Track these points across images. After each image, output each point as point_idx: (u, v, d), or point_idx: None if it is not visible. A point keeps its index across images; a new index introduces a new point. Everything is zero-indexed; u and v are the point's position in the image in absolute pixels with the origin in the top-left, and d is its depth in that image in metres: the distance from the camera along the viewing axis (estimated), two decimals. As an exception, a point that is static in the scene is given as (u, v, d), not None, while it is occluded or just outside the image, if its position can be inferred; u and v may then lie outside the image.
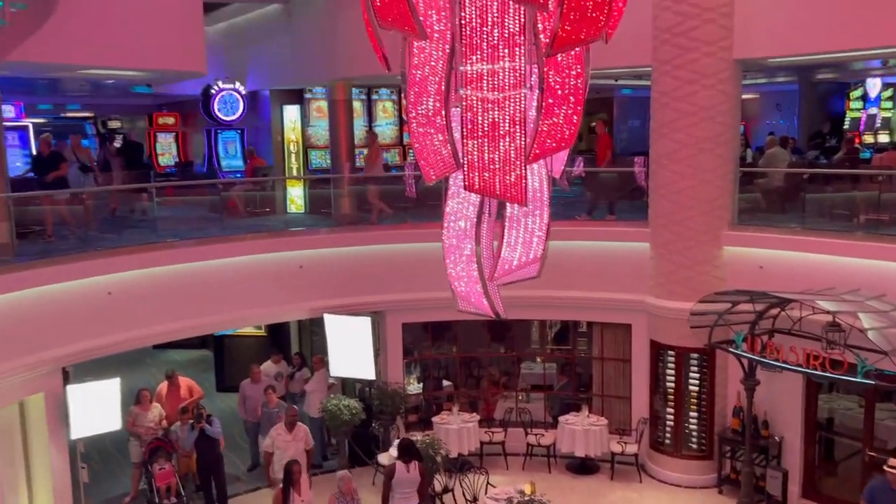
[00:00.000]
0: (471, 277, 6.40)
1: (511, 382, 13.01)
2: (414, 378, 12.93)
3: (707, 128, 10.41)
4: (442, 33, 4.94)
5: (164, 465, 10.48)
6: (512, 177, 5.25)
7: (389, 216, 12.73)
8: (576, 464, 11.74)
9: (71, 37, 8.49)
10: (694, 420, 11.13)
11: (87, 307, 9.57)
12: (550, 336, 13.85)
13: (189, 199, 13.79)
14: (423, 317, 12.10)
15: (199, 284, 10.69)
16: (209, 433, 10.10)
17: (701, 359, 10.97)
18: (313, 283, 11.71)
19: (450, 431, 11.41)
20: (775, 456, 10.53)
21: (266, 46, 15.77)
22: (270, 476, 9.75)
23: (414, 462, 8.73)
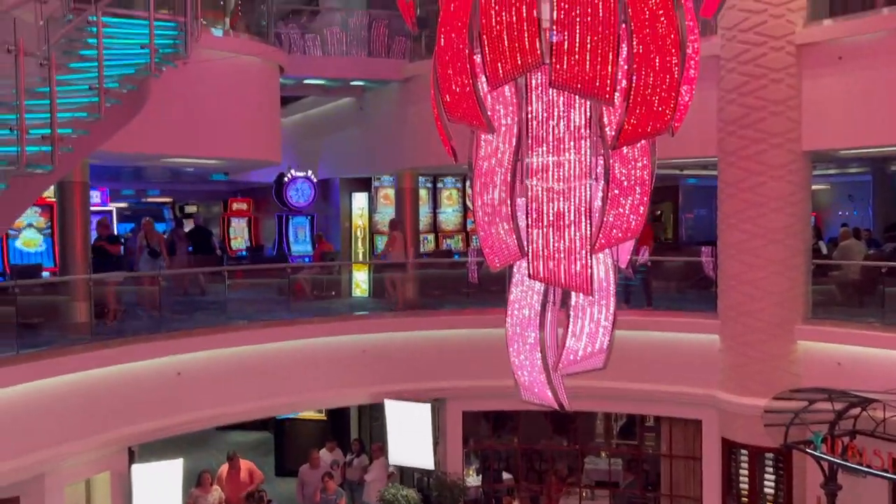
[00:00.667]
0: (534, 367, 6.32)
1: (574, 477, 12.55)
2: (473, 469, 12.61)
3: (777, 219, 10.22)
4: (509, 126, 5.08)
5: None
6: (577, 266, 5.25)
7: (409, 303, 12.67)
8: (643, 567, 11.12)
9: (159, 129, 9.06)
10: (772, 527, 10.48)
11: (156, 387, 9.78)
12: (616, 430, 13.40)
13: (258, 281, 14.15)
14: (484, 405, 11.91)
15: (264, 367, 10.84)
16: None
17: (776, 459, 10.40)
18: (375, 368, 11.72)
19: (510, 527, 11.02)
20: (863, 569, 9.75)
21: (338, 137, 16.45)
22: None
23: None
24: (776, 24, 10.03)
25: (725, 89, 10.40)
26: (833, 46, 9.97)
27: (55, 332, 9.62)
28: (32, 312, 9.55)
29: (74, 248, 9.97)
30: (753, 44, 10.12)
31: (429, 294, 13.26)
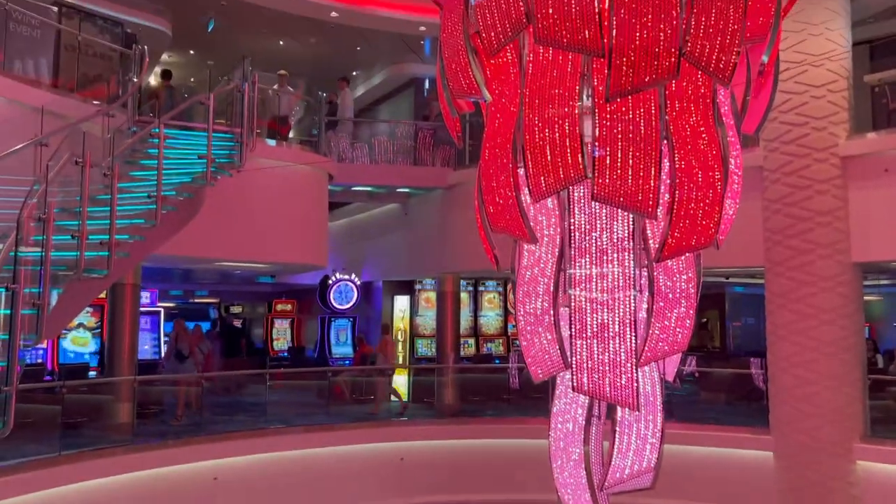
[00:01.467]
0: (579, 485, 6.09)
1: None
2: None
3: (829, 331, 9.90)
4: (551, 237, 5.12)
5: None
6: (623, 379, 5.13)
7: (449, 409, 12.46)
8: None
9: (212, 234, 9.34)
10: None
11: (194, 491, 9.65)
12: None
13: (298, 383, 14.11)
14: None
15: (301, 473, 10.64)
16: None
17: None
18: (414, 477, 11.40)
19: None
20: None
21: (382, 241, 16.73)
22: None
23: None
24: (819, 136, 10.07)
25: (770, 199, 10.36)
26: (879, 158, 9.93)
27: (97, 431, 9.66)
28: (76, 411, 9.63)
29: (122, 348, 10.15)
30: (797, 155, 10.14)
31: (469, 400, 13.03)
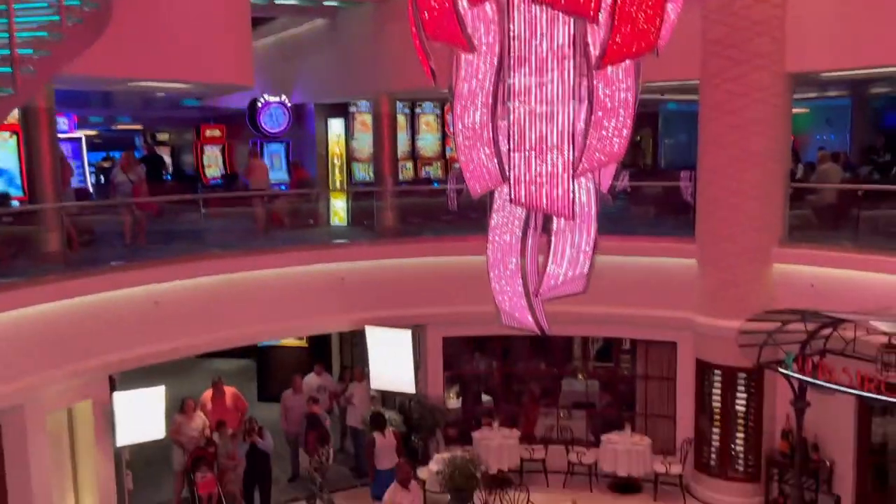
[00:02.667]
0: (515, 292, 6.33)
1: (552, 399, 12.84)
2: (453, 392, 12.84)
3: (757, 142, 10.19)
4: (490, 46, 4.90)
5: (206, 473, 10.56)
6: (559, 190, 5.18)
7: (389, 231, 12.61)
8: (618, 483, 11.51)
9: (124, 50, 8.69)
10: (741, 441, 10.84)
11: (134, 316, 9.74)
12: (593, 353, 13.65)
13: (234, 210, 13.96)
14: (465, 331, 12.03)
15: (243, 295, 10.81)
16: (261, 447, 10.08)
17: (749, 379, 10.70)
18: (355, 296, 11.74)
19: (490, 447, 11.30)
20: (826, 481, 10.18)
21: (312, 60, 15.98)
22: None
23: (388, 429, 9.82)
24: (761, -59, 9.75)
25: (709, 8, 10.18)
26: (818, -36, 9.75)
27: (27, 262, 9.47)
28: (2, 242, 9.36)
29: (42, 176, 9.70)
30: (738, -39, 9.86)
31: (409, 222, 13.19)
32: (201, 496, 10.49)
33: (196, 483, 10.52)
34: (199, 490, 10.49)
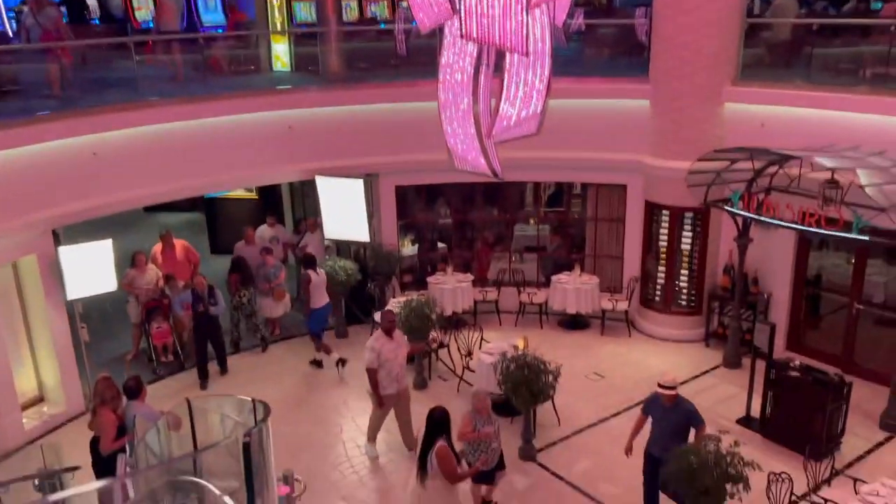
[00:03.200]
0: (468, 134, 6.20)
1: (504, 244, 13.07)
2: (408, 240, 12.94)
3: (715, -25, 9.82)
4: None
5: (161, 324, 10.69)
6: (512, 23, 4.94)
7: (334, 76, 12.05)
8: (567, 320, 12.02)
9: None
10: (685, 278, 11.30)
11: (73, 170, 9.35)
12: (544, 198, 13.78)
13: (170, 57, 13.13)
14: (417, 179, 11.93)
15: (185, 146, 10.41)
16: (213, 313, 10.08)
17: (695, 218, 10.97)
18: (303, 145, 11.43)
19: (444, 291, 11.57)
20: (762, 311, 10.78)
21: None
22: (379, 394, 8.25)
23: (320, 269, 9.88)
24: None
25: None
26: None
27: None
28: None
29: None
30: None
31: (356, 67, 12.64)
32: (157, 346, 10.67)
33: (151, 334, 10.66)
34: (155, 340, 10.66)
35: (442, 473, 6.13)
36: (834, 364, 10.11)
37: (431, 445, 6.18)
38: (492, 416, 7.31)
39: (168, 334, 10.75)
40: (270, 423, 3.64)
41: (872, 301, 10.29)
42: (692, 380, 10.20)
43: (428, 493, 6.20)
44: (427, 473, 6.18)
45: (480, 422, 7.18)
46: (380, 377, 8.17)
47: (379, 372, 8.15)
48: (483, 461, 7.11)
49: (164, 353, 10.73)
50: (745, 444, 7.21)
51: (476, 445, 7.16)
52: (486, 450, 7.17)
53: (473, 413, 7.22)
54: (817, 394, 8.24)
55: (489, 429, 7.20)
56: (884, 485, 6.79)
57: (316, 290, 10.60)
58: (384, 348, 8.14)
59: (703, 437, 6.72)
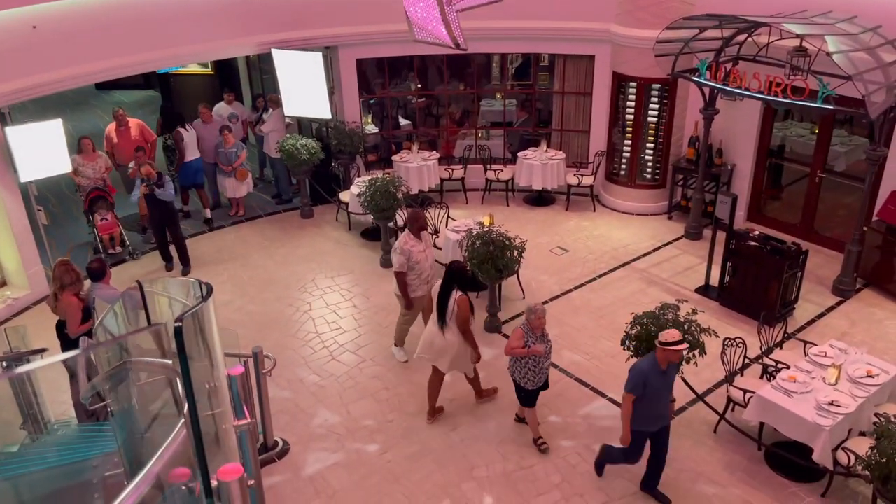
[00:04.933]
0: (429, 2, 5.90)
1: (471, 120, 12.84)
2: (371, 116, 12.64)
3: None
4: None
5: (105, 215, 10.34)
6: None
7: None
8: (533, 196, 12.04)
9: None
10: (650, 151, 11.28)
11: (13, 44, 8.81)
12: (511, 72, 13.44)
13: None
14: (378, 52, 11.50)
15: (135, 17, 9.83)
16: (160, 196, 9.59)
17: (662, 90, 10.82)
18: (258, 17, 10.88)
19: (410, 169, 11.44)
20: (725, 183, 10.88)
21: None
22: (409, 296, 7.86)
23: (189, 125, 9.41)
24: None
25: None
26: None
27: None
28: None
29: None
30: None
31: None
32: (102, 238, 10.38)
33: (96, 225, 10.35)
34: (100, 232, 10.35)
35: (457, 319, 6.80)
36: (793, 233, 10.37)
37: (448, 295, 6.81)
38: (546, 334, 6.63)
39: (114, 225, 10.39)
40: (213, 303, 3.62)
41: (834, 170, 10.42)
42: (654, 251, 10.41)
43: (446, 341, 6.91)
44: (446, 322, 6.85)
45: (532, 338, 6.51)
46: (410, 280, 7.75)
47: (408, 275, 7.73)
48: (531, 379, 6.63)
49: (112, 244, 10.44)
50: (702, 312, 7.47)
51: (524, 362, 6.62)
52: (534, 367, 6.61)
53: (526, 328, 6.53)
54: (774, 263, 8.47)
55: (541, 347, 6.52)
56: (831, 346, 7.12)
57: (188, 147, 11.10)
58: (414, 250, 7.68)
59: None
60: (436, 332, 6.96)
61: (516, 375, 6.74)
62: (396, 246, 7.76)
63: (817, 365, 6.82)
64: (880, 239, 9.06)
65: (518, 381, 6.75)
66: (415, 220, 7.77)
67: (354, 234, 11.07)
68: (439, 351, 7.00)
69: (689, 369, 6.89)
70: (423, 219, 7.84)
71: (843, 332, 8.50)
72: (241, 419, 4.26)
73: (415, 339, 7.64)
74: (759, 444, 6.84)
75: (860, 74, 7.68)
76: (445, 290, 6.85)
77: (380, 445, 7.03)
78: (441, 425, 7.26)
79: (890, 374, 6.68)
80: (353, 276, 9.95)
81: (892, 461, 5.26)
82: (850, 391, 6.45)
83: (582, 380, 7.89)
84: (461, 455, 6.89)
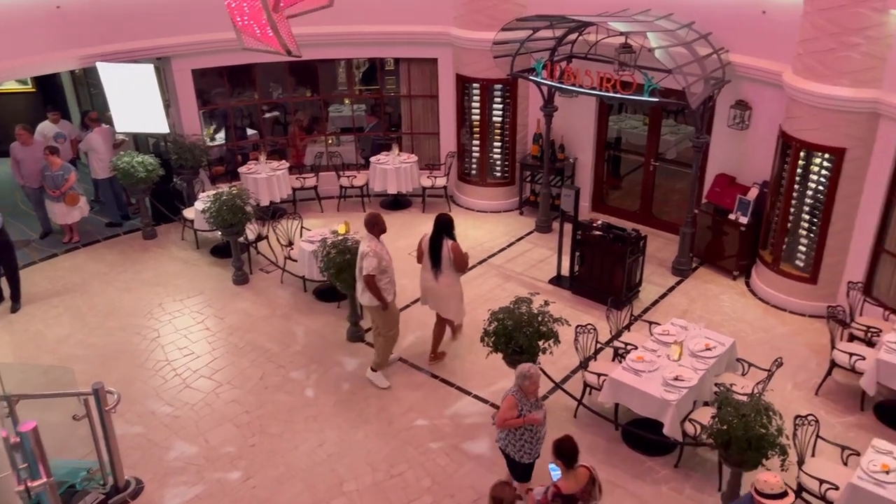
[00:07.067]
0: (254, 9, 5.70)
1: (320, 127, 12.63)
2: (213, 128, 12.13)
3: None
4: None
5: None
6: None
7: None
8: (389, 200, 12.01)
9: None
10: (498, 150, 11.55)
11: None
12: (358, 77, 13.34)
13: None
14: (214, 61, 11.03)
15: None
16: None
17: (504, 90, 11.10)
18: (78, 28, 10.14)
19: (259, 181, 11.08)
20: (570, 176, 11.33)
21: None
22: (384, 298, 7.49)
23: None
24: None
25: None
26: None
27: None
28: None
29: None
30: None
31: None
32: None
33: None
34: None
35: (456, 263, 7.64)
36: (634, 220, 10.96)
37: (439, 244, 7.59)
38: (539, 399, 5.90)
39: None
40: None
41: (666, 157, 11.10)
42: (508, 247, 10.66)
43: (440, 285, 7.72)
44: (440, 269, 7.65)
45: (527, 405, 5.71)
46: (381, 283, 7.42)
47: (381, 279, 7.40)
48: (528, 452, 5.86)
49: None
50: (555, 302, 7.73)
51: (519, 433, 5.80)
52: (530, 439, 5.81)
53: (518, 394, 5.71)
54: (617, 249, 8.89)
55: (538, 414, 5.75)
56: (673, 324, 7.56)
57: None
58: (382, 252, 7.42)
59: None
60: (431, 279, 7.75)
61: (510, 449, 5.89)
62: (366, 250, 7.36)
63: (662, 343, 7.21)
64: (710, 220, 9.74)
65: (512, 455, 5.90)
66: (375, 223, 7.45)
67: (203, 253, 10.58)
68: (437, 296, 7.84)
69: (546, 359, 7.09)
70: (382, 221, 7.52)
71: (684, 309, 9.07)
72: (36, 480, 3.87)
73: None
74: (616, 425, 7.14)
75: (679, 68, 8.22)
76: (436, 240, 7.62)
77: (242, 472, 6.73)
78: (307, 441, 7.05)
79: (725, 346, 7.17)
80: (204, 296, 9.49)
81: (732, 427, 5.64)
82: (692, 365, 6.86)
83: (447, 380, 7.93)
84: (329, 470, 6.73)
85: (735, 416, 5.64)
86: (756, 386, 6.72)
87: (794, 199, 8.71)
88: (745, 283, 9.61)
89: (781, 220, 8.89)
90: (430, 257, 7.70)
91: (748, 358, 7.49)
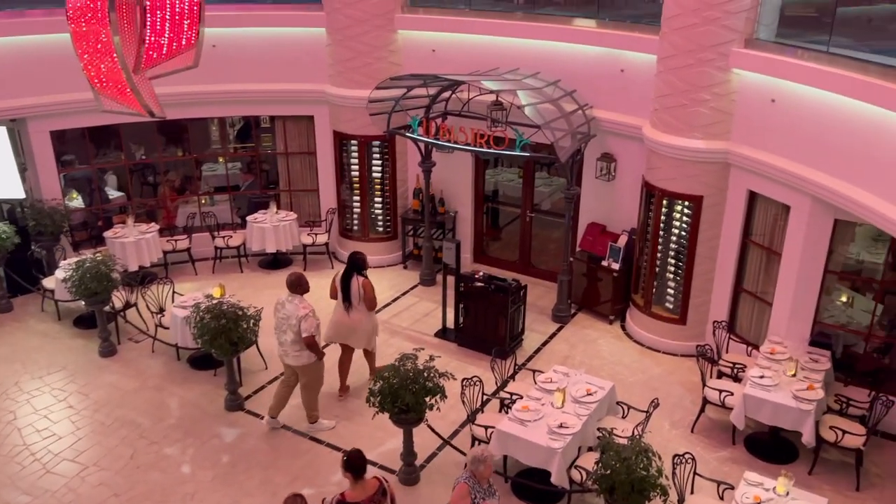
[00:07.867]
0: (111, 70, 5.48)
1: (192, 186, 12.22)
2: (74, 192, 11.46)
3: None
4: None
5: None
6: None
7: None
8: (268, 260, 11.71)
9: None
10: (379, 205, 11.56)
11: None
12: (232, 135, 13.06)
13: None
14: (75, 122, 10.49)
15: None
16: None
17: (382, 146, 11.18)
18: None
19: (126, 245, 10.53)
20: (451, 229, 11.47)
21: None
22: (322, 353, 7.70)
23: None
24: None
25: None
26: None
27: None
28: None
29: None
30: None
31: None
32: None
33: None
34: None
35: (366, 299, 8.03)
36: (514, 269, 11.20)
37: (349, 280, 8.00)
38: (492, 486, 5.57)
39: None
40: None
41: (541, 209, 11.47)
42: (393, 301, 10.60)
43: (351, 319, 8.08)
44: (351, 304, 8.03)
45: (480, 493, 5.39)
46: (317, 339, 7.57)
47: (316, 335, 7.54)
48: None
49: None
50: (441, 357, 7.70)
51: None
52: None
53: (471, 480, 5.40)
54: (499, 300, 9.03)
55: (493, 502, 5.45)
56: (555, 371, 7.70)
57: None
58: (312, 310, 7.52)
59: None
60: (342, 314, 8.09)
61: None
62: (303, 313, 7.36)
63: (545, 391, 7.32)
64: (585, 267, 10.09)
65: None
66: (299, 283, 7.55)
67: (65, 324, 9.87)
68: (349, 330, 8.15)
69: (434, 415, 7.01)
70: (306, 281, 7.64)
71: (565, 355, 9.28)
72: None
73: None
74: (506, 477, 7.13)
75: (548, 123, 8.58)
76: (347, 276, 8.03)
77: (112, 563, 6.20)
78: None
79: (605, 390, 7.37)
80: (66, 371, 8.82)
81: (615, 472, 5.75)
82: (575, 411, 6.99)
83: (332, 444, 7.68)
84: (209, 553, 6.31)
85: (617, 460, 5.76)
86: (636, 428, 6.91)
87: (660, 245, 9.19)
88: (621, 327, 9.97)
89: (650, 265, 9.34)
90: (341, 292, 8.10)
91: (627, 400, 7.72)
